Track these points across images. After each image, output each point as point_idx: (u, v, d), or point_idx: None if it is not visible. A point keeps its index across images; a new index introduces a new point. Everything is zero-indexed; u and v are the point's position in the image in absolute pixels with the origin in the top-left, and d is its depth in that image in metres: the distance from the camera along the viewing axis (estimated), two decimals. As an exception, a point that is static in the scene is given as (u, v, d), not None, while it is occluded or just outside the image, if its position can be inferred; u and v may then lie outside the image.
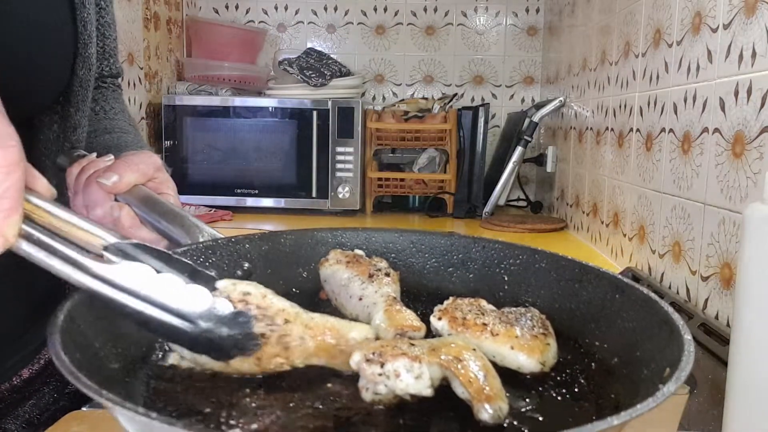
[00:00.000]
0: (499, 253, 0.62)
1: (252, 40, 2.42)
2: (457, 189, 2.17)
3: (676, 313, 0.45)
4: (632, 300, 0.50)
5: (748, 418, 0.55)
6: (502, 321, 0.51)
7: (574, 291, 0.55)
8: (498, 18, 2.49)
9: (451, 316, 0.51)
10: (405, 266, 0.64)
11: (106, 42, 0.83)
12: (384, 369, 0.41)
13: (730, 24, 1.00)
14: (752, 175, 0.93)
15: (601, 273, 0.54)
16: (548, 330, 0.51)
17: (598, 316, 0.52)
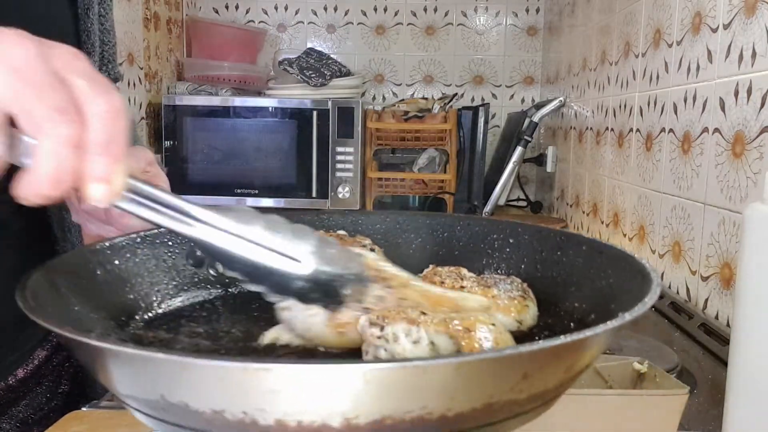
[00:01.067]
0: (483, 229, 0.63)
1: (252, 40, 2.42)
2: (457, 189, 2.17)
3: (650, 266, 0.46)
4: (610, 259, 0.51)
5: (749, 418, 0.55)
6: (480, 285, 0.52)
7: (556, 259, 0.56)
8: (498, 18, 2.49)
9: (430, 281, 0.52)
10: (391, 246, 0.64)
11: (105, 48, 0.84)
12: (383, 332, 0.40)
13: (730, 24, 1.00)
14: (752, 175, 0.93)
15: (582, 239, 0.55)
16: (528, 294, 0.52)
17: (579, 280, 0.53)
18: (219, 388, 0.31)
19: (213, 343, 0.48)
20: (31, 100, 0.34)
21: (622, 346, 0.84)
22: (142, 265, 0.55)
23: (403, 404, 0.30)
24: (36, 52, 0.36)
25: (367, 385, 0.30)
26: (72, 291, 0.46)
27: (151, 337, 0.49)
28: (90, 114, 0.35)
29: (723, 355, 0.84)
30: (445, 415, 0.32)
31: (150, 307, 0.54)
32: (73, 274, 0.48)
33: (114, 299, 0.51)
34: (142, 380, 0.33)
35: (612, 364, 0.63)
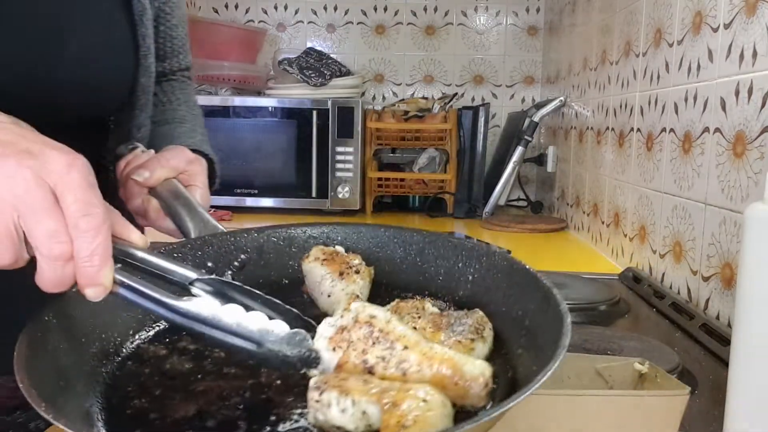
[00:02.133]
0: (468, 253, 0.63)
1: (252, 39, 2.42)
2: (457, 189, 2.17)
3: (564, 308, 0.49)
4: (553, 315, 0.51)
5: (749, 419, 0.55)
6: (435, 325, 0.53)
7: (518, 297, 0.56)
8: (498, 18, 2.49)
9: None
10: (386, 260, 0.66)
11: (174, 42, 0.93)
12: (320, 397, 0.44)
13: (730, 24, 1.00)
14: (753, 174, 0.92)
15: (537, 283, 0.54)
16: (480, 335, 0.53)
17: (529, 325, 0.53)
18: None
19: (195, 365, 0.53)
20: (32, 224, 0.44)
21: (623, 346, 0.83)
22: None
23: None
24: (33, 178, 0.44)
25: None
26: (89, 316, 0.52)
27: (151, 352, 0.55)
28: (76, 234, 0.45)
29: (724, 356, 0.84)
30: None
31: (158, 319, 0.59)
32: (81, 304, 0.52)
33: (127, 314, 0.57)
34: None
35: (613, 365, 0.63)
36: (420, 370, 0.46)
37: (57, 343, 0.49)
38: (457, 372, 0.46)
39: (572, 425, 0.55)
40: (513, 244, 1.66)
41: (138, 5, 0.79)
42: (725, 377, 0.57)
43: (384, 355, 0.46)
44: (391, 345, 0.47)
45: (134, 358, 0.55)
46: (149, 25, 0.81)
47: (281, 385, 0.51)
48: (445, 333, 0.52)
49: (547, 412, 0.56)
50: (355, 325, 0.48)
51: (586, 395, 0.57)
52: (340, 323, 0.49)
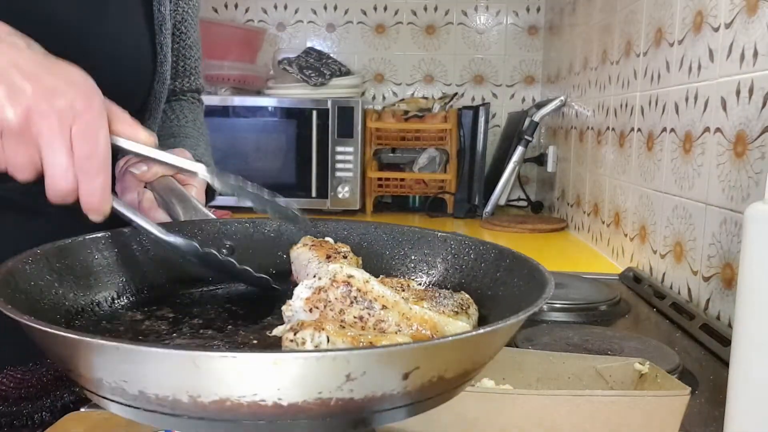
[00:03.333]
0: (458, 245, 0.63)
1: (251, 39, 2.41)
2: (457, 189, 2.17)
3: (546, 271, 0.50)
4: (537, 283, 0.51)
5: (750, 419, 0.55)
6: (417, 296, 0.53)
7: (504, 279, 0.56)
8: (498, 17, 2.49)
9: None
10: (374, 254, 0.66)
11: (187, 62, 0.97)
12: (295, 336, 0.43)
13: (731, 23, 1.00)
14: (754, 174, 0.92)
15: (524, 262, 0.55)
16: (465, 311, 0.52)
17: (513, 303, 0.53)
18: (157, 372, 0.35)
19: (171, 327, 0.54)
20: (48, 154, 0.51)
21: (624, 346, 0.83)
22: (138, 255, 0.62)
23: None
24: (59, 124, 0.50)
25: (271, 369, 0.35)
26: (64, 273, 0.54)
27: (128, 316, 0.56)
28: (80, 174, 0.52)
29: (724, 356, 0.84)
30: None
31: (139, 291, 0.60)
32: (71, 257, 0.56)
33: (109, 281, 0.59)
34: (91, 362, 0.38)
35: (613, 365, 0.63)
36: (399, 330, 0.46)
37: (29, 286, 0.50)
38: (437, 332, 0.46)
39: (572, 425, 0.55)
40: (513, 244, 1.66)
41: (159, 15, 0.83)
42: (725, 377, 0.56)
43: (362, 315, 0.46)
44: (369, 305, 0.46)
45: (109, 318, 0.55)
46: (168, 35, 0.85)
47: (258, 344, 0.51)
48: (428, 303, 0.52)
49: (547, 412, 0.55)
50: (333, 284, 0.47)
51: (586, 395, 0.56)
52: (318, 284, 0.48)
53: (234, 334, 0.52)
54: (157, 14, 0.83)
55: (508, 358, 0.66)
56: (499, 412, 0.55)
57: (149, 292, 0.61)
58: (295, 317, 0.48)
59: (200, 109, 1.04)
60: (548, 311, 1.06)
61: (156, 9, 0.83)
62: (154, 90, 0.84)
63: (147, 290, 0.61)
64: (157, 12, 0.83)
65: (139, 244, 0.61)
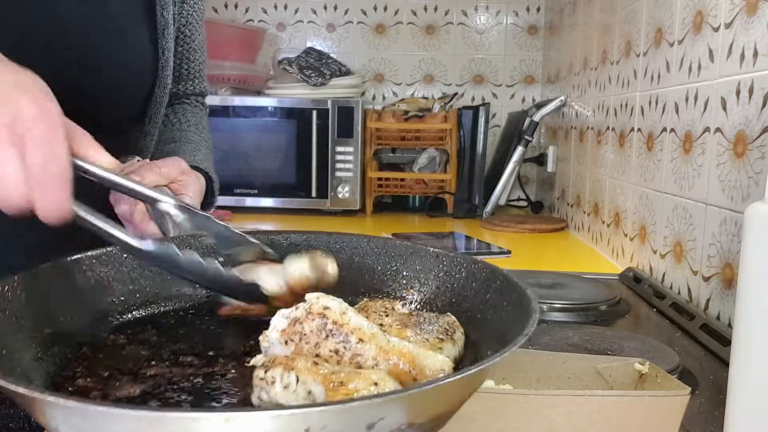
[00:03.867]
0: (450, 262, 0.63)
1: (251, 39, 2.41)
2: (457, 189, 2.17)
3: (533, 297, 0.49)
4: (523, 312, 0.50)
5: (750, 419, 0.55)
6: (402, 323, 0.51)
7: (494, 302, 0.55)
8: (498, 17, 2.49)
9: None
10: (366, 269, 0.65)
11: (191, 65, 0.96)
12: (265, 375, 0.42)
13: (731, 23, 1.00)
14: (754, 174, 0.92)
15: (514, 287, 0.54)
16: (450, 337, 0.51)
17: (501, 328, 0.53)
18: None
19: (151, 353, 0.54)
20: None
21: (624, 346, 0.83)
22: (126, 273, 0.61)
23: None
24: (5, 129, 0.46)
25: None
26: (43, 298, 0.52)
27: (110, 340, 0.56)
28: (36, 185, 0.47)
29: (724, 356, 0.84)
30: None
31: (127, 311, 0.60)
32: (59, 279, 0.55)
33: (95, 302, 0.58)
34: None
35: (613, 365, 0.63)
36: (376, 364, 0.44)
37: (4, 315, 0.48)
38: (415, 367, 0.44)
39: (572, 425, 0.55)
40: (513, 244, 1.66)
41: (161, 19, 0.82)
42: (726, 377, 0.56)
43: (338, 349, 0.45)
44: (345, 338, 0.45)
45: (90, 344, 0.54)
46: (170, 39, 0.84)
47: (236, 375, 0.50)
48: (413, 331, 0.50)
49: (547, 412, 0.55)
50: (308, 316, 0.46)
51: (586, 395, 0.56)
52: (294, 315, 0.47)
53: (214, 362, 0.52)
54: (160, 18, 0.82)
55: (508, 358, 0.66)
56: (499, 412, 0.55)
57: (136, 312, 0.60)
58: (271, 349, 0.47)
59: (203, 113, 1.03)
60: (548, 311, 1.06)
61: (159, 13, 0.82)
62: (155, 94, 0.84)
63: (134, 310, 0.60)
64: (160, 16, 0.82)
65: (125, 263, 0.60)
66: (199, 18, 0.95)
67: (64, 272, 0.56)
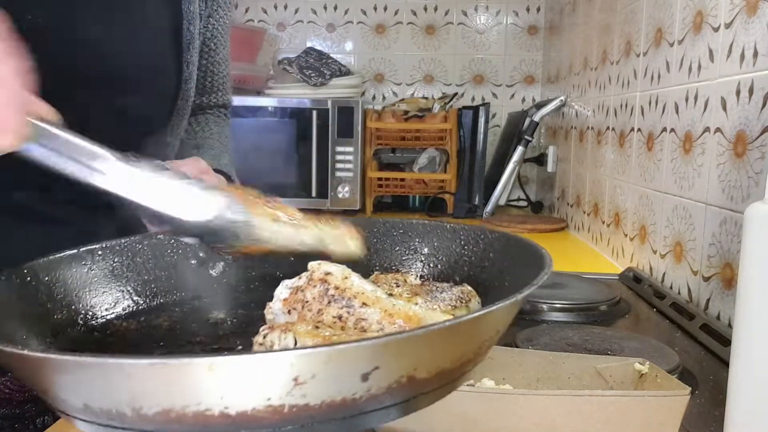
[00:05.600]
0: (466, 234, 0.62)
1: (251, 39, 2.41)
2: (457, 189, 2.17)
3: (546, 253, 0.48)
4: (537, 267, 0.49)
5: (750, 419, 0.55)
6: (412, 292, 0.50)
7: (510, 269, 0.55)
8: (498, 17, 2.49)
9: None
10: (383, 249, 0.65)
11: (215, 78, 0.96)
12: (264, 339, 0.41)
13: (731, 23, 1.00)
14: (754, 174, 0.92)
15: (531, 249, 0.53)
16: (465, 304, 0.50)
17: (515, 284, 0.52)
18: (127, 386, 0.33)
19: (163, 338, 0.53)
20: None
21: (624, 346, 0.83)
22: (141, 264, 0.60)
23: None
24: None
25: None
26: (54, 286, 0.52)
27: (122, 327, 0.55)
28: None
29: (724, 356, 0.84)
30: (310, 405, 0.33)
31: (140, 301, 0.59)
32: (63, 270, 0.54)
33: (108, 291, 0.58)
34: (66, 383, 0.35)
35: (613, 365, 0.63)
36: (381, 328, 0.43)
37: (13, 300, 0.48)
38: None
39: (572, 425, 0.55)
40: (513, 244, 1.66)
41: (187, 33, 0.82)
42: (725, 377, 0.56)
43: (341, 314, 0.44)
44: (347, 303, 0.44)
45: (101, 329, 0.54)
46: (195, 54, 0.84)
47: (242, 349, 0.49)
48: (422, 299, 0.49)
49: (547, 412, 0.55)
50: (309, 283, 0.45)
51: (586, 395, 0.56)
52: (296, 284, 0.46)
53: (224, 340, 0.51)
54: (186, 33, 0.82)
55: (508, 358, 0.66)
56: (498, 412, 0.55)
57: (150, 301, 0.60)
58: (275, 320, 0.46)
59: (226, 123, 1.03)
60: (548, 311, 1.06)
61: (185, 28, 0.82)
62: (177, 107, 0.84)
63: (148, 299, 0.60)
64: (186, 31, 0.82)
65: (139, 253, 0.60)
66: (225, 31, 0.95)
67: (75, 261, 0.56)
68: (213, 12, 0.91)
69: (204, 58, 0.92)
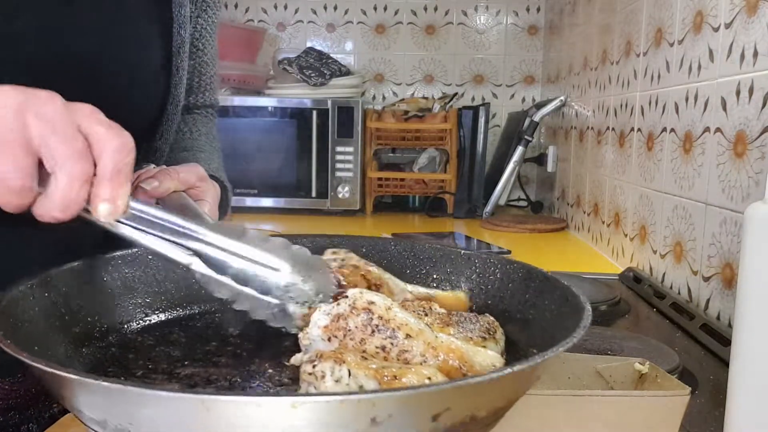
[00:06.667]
0: (483, 263, 0.61)
1: (251, 39, 2.41)
2: (457, 189, 2.17)
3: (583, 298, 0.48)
4: (572, 307, 0.50)
5: (750, 419, 0.55)
6: (443, 321, 0.50)
7: (534, 301, 0.55)
8: (498, 17, 2.49)
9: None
10: (395, 273, 0.63)
11: (202, 78, 0.95)
12: (314, 369, 0.40)
13: (731, 23, 1.00)
14: (754, 174, 0.92)
15: (555, 283, 0.53)
16: (493, 336, 0.50)
17: (546, 326, 0.52)
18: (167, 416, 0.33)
19: (183, 353, 0.52)
20: (56, 145, 0.44)
21: (624, 346, 0.83)
22: (152, 275, 0.60)
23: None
24: (62, 107, 0.45)
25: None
26: (72, 298, 0.52)
27: (138, 341, 0.54)
28: (103, 150, 0.45)
29: (724, 356, 0.84)
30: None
31: (152, 313, 0.59)
32: (85, 279, 0.54)
33: (121, 303, 0.57)
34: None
35: (613, 365, 0.63)
36: (425, 360, 0.43)
37: (34, 313, 0.48)
38: (465, 363, 0.43)
39: (572, 425, 0.55)
40: (513, 244, 1.66)
41: (177, 37, 0.81)
42: (726, 377, 0.56)
43: (384, 345, 0.43)
44: (392, 333, 0.44)
45: (119, 345, 0.53)
46: (185, 58, 0.84)
47: (273, 373, 0.49)
48: (455, 329, 0.49)
49: (547, 412, 0.55)
50: (352, 312, 0.45)
51: (586, 395, 0.56)
52: (336, 311, 0.45)
53: (249, 362, 0.50)
54: (176, 37, 0.81)
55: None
56: (499, 412, 0.55)
57: (162, 315, 0.59)
58: (312, 346, 0.45)
59: (213, 123, 1.02)
60: (548, 311, 1.05)
61: (176, 32, 0.81)
62: (167, 111, 0.83)
63: (159, 312, 0.59)
64: (177, 35, 0.81)
65: (150, 265, 0.59)
66: (212, 30, 0.94)
67: (89, 272, 0.55)
68: (202, 12, 0.90)
69: (192, 58, 0.91)
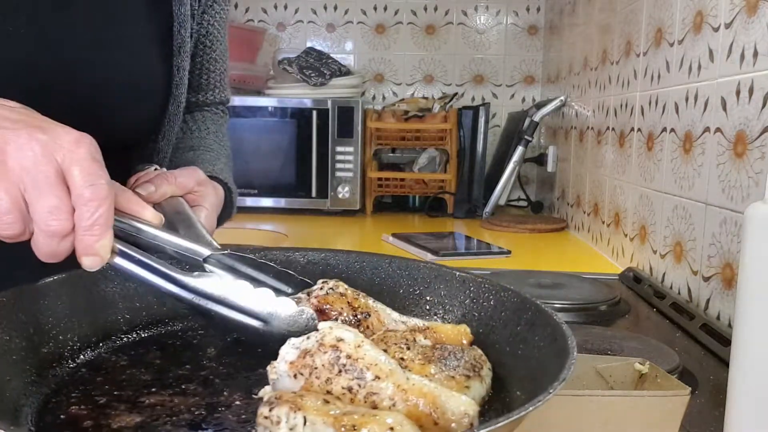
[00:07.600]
0: (477, 288, 0.59)
1: (251, 39, 2.41)
2: (457, 189, 2.17)
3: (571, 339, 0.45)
4: (558, 350, 0.47)
5: (750, 420, 0.55)
6: (425, 357, 0.48)
7: (525, 335, 0.52)
8: (498, 17, 2.49)
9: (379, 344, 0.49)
10: (388, 292, 0.62)
11: (211, 75, 0.94)
12: (270, 413, 0.39)
13: (731, 23, 1.00)
14: (754, 174, 0.92)
15: (548, 319, 0.51)
16: (478, 373, 0.48)
17: (534, 366, 0.49)
18: None
19: (153, 378, 0.51)
20: (34, 198, 0.45)
21: (624, 346, 0.83)
22: (133, 290, 0.59)
23: None
24: (42, 152, 0.45)
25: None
26: (42, 315, 0.51)
27: (111, 362, 0.54)
28: (77, 201, 0.46)
29: (724, 356, 0.84)
30: None
31: (132, 330, 0.58)
32: (61, 295, 0.53)
33: (99, 320, 0.57)
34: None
35: (613, 365, 0.63)
36: (393, 404, 0.40)
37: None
38: (437, 409, 0.40)
39: (572, 425, 0.55)
40: (513, 244, 1.66)
41: (178, 37, 0.80)
42: (726, 378, 0.56)
43: (351, 386, 0.41)
44: (359, 374, 0.41)
45: (90, 365, 0.52)
46: (186, 57, 0.83)
47: (241, 407, 0.47)
48: (436, 366, 0.46)
49: (546, 413, 0.55)
50: (320, 348, 0.42)
51: (586, 395, 0.56)
52: (304, 345, 0.43)
53: (218, 392, 0.49)
54: (177, 36, 0.80)
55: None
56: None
57: (142, 332, 0.58)
58: (279, 382, 0.44)
59: (224, 120, 1.01)
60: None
61: (176, 31, 0.80)
62: (168, 112, 0.82)
63: (139, 329, 0.58)
64: (177, 34, 0.80)
65: (131, 280, 0.57)
66: (221, 27, 0.92)
67: (65, 287, 0.54)
68: (207, 8, 0.89)
69: (199, 56, 0.90)
